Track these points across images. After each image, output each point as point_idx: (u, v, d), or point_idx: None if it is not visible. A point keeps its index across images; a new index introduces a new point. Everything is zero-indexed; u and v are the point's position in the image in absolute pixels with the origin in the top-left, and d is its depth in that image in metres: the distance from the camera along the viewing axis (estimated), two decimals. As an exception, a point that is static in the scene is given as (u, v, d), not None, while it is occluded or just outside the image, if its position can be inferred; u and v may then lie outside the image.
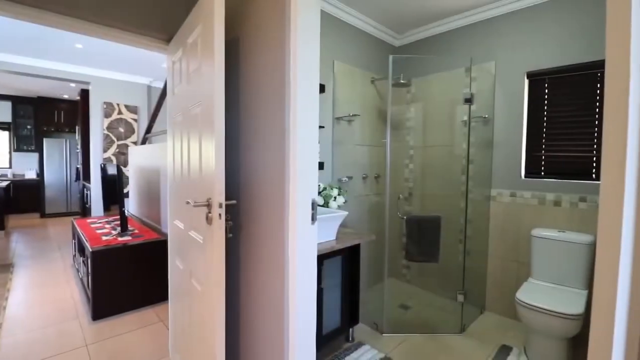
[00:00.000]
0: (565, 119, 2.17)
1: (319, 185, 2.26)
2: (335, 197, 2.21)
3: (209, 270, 1.28)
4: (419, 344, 2.07)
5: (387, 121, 2.33)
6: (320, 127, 2.33)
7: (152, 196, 3.20)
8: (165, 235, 2.69)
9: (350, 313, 2.06)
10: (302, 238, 1.18)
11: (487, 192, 2.50)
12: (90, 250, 2.38)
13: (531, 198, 2.29)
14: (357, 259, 2.08)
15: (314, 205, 1.20)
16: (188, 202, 1.28)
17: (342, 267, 2.00)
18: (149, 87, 5.05)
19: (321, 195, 2.21)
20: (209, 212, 1.22)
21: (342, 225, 2.37)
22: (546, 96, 2.25)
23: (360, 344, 2.05)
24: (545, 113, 2.25)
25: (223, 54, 1.22)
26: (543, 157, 2.27)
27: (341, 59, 2.52)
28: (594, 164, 2.06)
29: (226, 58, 1.46)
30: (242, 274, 1.46)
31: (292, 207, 1.15)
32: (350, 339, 2.10)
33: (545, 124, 2.25)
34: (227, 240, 1.30)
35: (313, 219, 1.20)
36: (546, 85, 2.24)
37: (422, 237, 2.35)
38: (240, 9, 1.46)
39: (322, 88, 2.28)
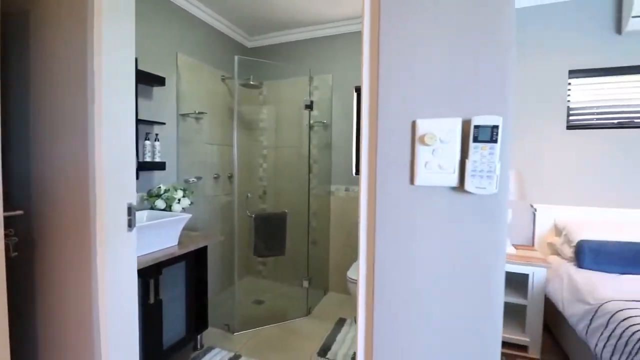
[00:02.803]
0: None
1: (160, 187, 2.07)
2: (179, 200, 2.07)
3: (-21, 303, 0.99)
4: (269, 334, 2.18)
5: (234, 121, 2.34)
6: (161, 123, 2.14)
7: None
8: None
9: (198, 319, 1.97)
10: (116, 248, 1.06)
11: (328, 188, 2.85)
12: None
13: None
14: (204, 262, 2.01)
15: (131, 210, 1.09)
16: (-63, 217, 0.94)
17: (186, 273, 1.90)
18: None
19: (162, 198, 2.03)
20: (-26, 228, 0.94)
21: (190, 229, 2.25)
22: (368, 108, 2.73)
23: (209, 349, 2.00)
24: (368, 121, 2.74)
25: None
26: (367, 157, 2.75)
27: (187, 52, 2.38)
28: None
29: (9, 32, 1.16)
30: (38, 301, 1.19)
31: (101, 213, 1.02)
32: (199, 346, 2.02)
33: (368, 130, 2.74)
34: (11, 260, 1.04)
35: (130, 225, 1.09)
36: (368, 98, 2.72)
37: (269, 233, 2.48)
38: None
39: (161, 81, 2.09)
